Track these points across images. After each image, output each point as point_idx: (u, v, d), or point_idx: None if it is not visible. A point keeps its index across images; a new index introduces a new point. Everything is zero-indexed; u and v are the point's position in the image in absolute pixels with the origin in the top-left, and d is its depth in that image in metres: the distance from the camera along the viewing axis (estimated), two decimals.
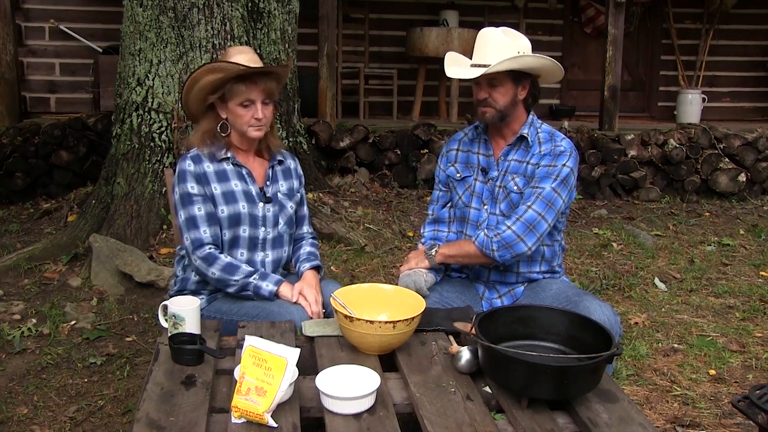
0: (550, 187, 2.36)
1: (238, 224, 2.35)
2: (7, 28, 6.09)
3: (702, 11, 8.50)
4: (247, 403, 1.58)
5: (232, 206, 2.34)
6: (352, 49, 7.68)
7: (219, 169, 2.36)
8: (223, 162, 2.37)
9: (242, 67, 2.25)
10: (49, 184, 5.64)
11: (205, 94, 2.31)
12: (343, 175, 6.04)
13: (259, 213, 2.39)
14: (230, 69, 2.25)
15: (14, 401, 2.77)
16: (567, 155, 2.41)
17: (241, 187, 2.37)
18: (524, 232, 2.33)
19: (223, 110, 2.35)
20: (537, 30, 8.36)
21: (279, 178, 2.49)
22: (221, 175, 2.36)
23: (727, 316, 3.77)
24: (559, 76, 2.47)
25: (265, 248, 2.41)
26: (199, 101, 2.35)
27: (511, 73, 2.36)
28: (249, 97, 2.28)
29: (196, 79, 2.29)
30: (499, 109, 2.39)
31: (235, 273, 2.28)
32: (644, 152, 6.44)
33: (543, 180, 2.38)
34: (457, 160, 2.58)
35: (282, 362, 1.65)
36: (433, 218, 2.65)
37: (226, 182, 2.36)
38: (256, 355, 1.66)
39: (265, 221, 2.40)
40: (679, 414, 2.73)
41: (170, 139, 4.48)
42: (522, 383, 1.67)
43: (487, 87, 2.38)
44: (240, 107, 2.30)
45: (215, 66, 2.28)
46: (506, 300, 2.51)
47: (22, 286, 3.89)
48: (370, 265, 4.32)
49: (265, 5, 4.78)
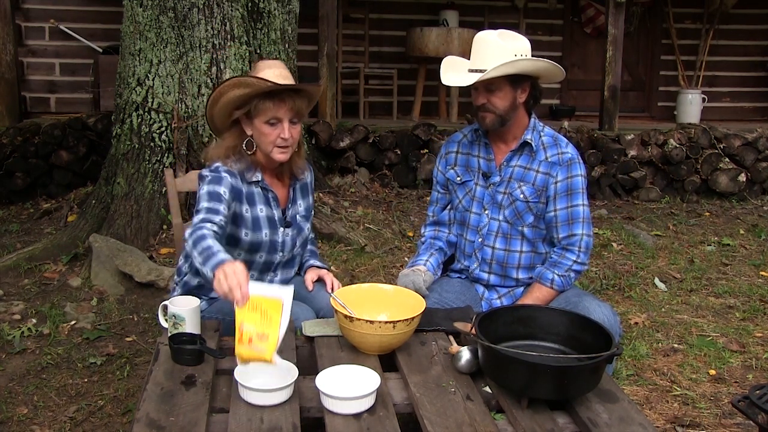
0: (582, 204, 2.44)
1: (256, 251, 2.30)
2: (7, 28, 6.09)
3: (702, 11, 8.50)
4: (251, 351, 1.59)
5: (255, 234, 2.26)
6: (352, 49, 7.68)
7: (249, 191, 2.26)
8: (253, 185, 2.27)
9: (270, 84, 2.12)
10: (49, 184, 5.65)
11: (231, 108, 2.20)
12: (343, 175, 6.04)
13: (279, 239, 2.33)
14: (257, 85, 2.12)
15: (14, 401, 2.77)
16: (577, 163, 2.44)
17: (266, 212, 2.29)
18: (587, 259, 2.47)
19: (248, 127, 2.22)
20: (537, 30, 8.36)
21: (298, 198, 2.42)
22: (250, 199, 2.27)
23: (727, 316, 3.77)
24: (559, 76, 2.43)
25: (276, 270, 2.39)
26: (225, 116, 2.24)
27: (509, 76, 2.32)
28: (276, 115, 2.16)
29: (222, 92, 2.17)
30: (499, 114, 2.36)
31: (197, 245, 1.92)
32: (644, 152, 6.44)
33: (574, 197, 2.43)
34: (456, 163, 2.56)
35: (278, 303, 1.66)
36: (434, 220, 2.64)
37: (253, 206, 2.27)
38: (252, 301, 1.66)
39: (284, 247, 2.35)
40: (679, 414, 2.73)
41: (170, 139, 4.48)
42: (522, 383, 1.67)
43: (485, 92, 2.35)
44: (266, 125, 2.18)
45: (242, 80, 2.15)
46: (506, 300, 2.51)
47: (22, 286, 3.89)
48: (370, 265, 4.32)
49: (265, 5, 4.78)
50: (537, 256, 2.48)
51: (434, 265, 2.53)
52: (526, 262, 2.48)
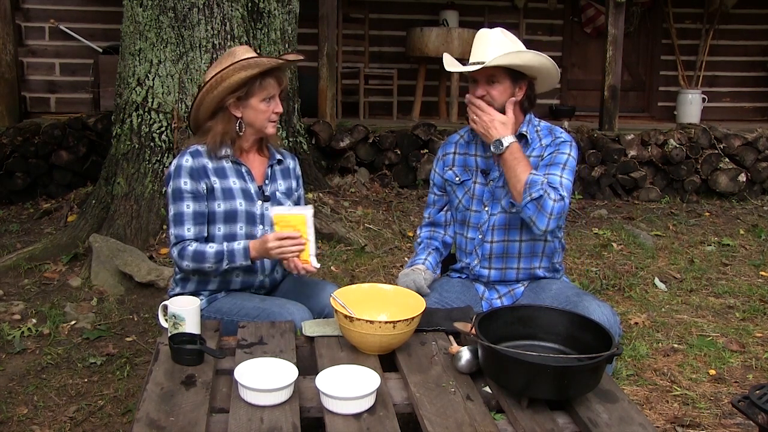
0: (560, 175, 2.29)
1: (234, 221, 2.35)
2: (7, 28, 6.08)
3: (702, 11, 8.50)
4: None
5: (229, 203, 2.34)
6: (352, 49, 7.68)
7: (218, 166, 2.36)
8: (222, 160, 2.37)
9: (279, 61, 2.32)
10: (49, 184, 5.64)
11: (227, 93, 2.30)
12: (343, 175, 6.04)
13: (257, 211, 2.39)
14: (266, 64, 2.30)
15: (14, 401, 2.77)
16: (568, 144, 2.41)
17: (239, 185, 2.37)
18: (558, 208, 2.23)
19: (238, 109, 2.34)
20: (537, 30, 8.36)
21: (278, 178, 2.50)
22: (220, 172, 2.36)
23: (727, 316, 3.77)
24: (554, 81, 2.44)
25: None
26: (217, 102, 2.33)
27: (510, 72, 2.35)
28: (273, 92, 2.34)
29: (224, 77, 2.27)
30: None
31: (204, 260, 2.27)
32: (644, 152, 6.44)
33: (553, 167, 2.32)
34: (454, 163, 2.57)
35: (302, 218, 2.21)
36: (429, 221, 2.66)
37: (224, 179, 2.36)
38: (283, 219, 2.22)
39: (263, 220, 2.40)
40: (679, 414, 2.73)
41: (170, 139, 4.48)
42: (522, 383, 1.67)
43: (486, 84, 2.37)
44: (263, 102, 2.33)
45: (250, 62, 2.28)
46: (506, 300, 2.51)
47: (22, 286, 3.89)
48: (370, 265, 4.32)
49: (265, 5, 4.78)
50: (537, 243, 2.47)
51: (433, 263, 2.55)
52: (527, 251, 2.48)
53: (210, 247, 2.28)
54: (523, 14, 8.24)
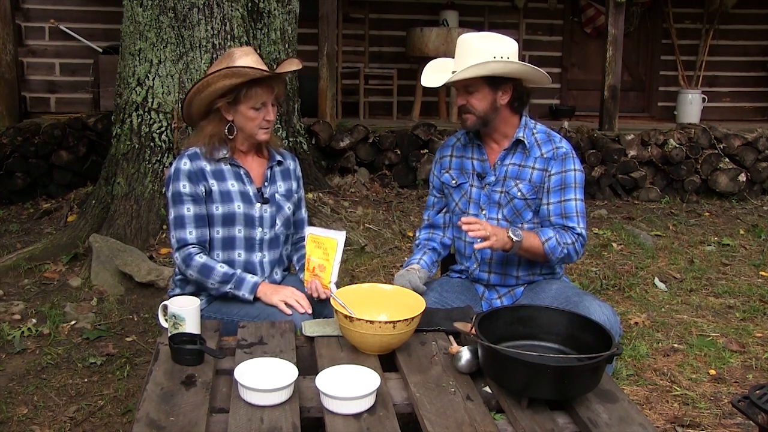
0: (575, 198, 2.43)
1: (233, 224, 2.35)
2: (7, 28, 6.08)
3: (702, 11, 8.50)
4: (315, 277, 2.28)
5: (227, 205, 2.34)
6: (352, 49, 7.68)
7: (216, 168, 2.36)
8: (221, 162, 2.36)
9: (265, 72, 2.26)
10: (49, 184, 5.65)
11: (215, 97, 2.29)
12: (343, 175, 6.04)
13: (255, 213, 2.38)
14: (250, 74, 2.25)
15: (14, 401, 2.77)
16: (571, 158, 2.43)
17: (238, 187, 2.37)
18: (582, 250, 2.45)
19: (229, 113, 2.33)
20: (537, 30, 8.36)
21: (277, 179, 2.49)
22: (218, 175, 2.35)
23: (727, 316, 3.77)
24: (542, 80, 2.40)
25: (262, 249, 2.41)
26: (206, 104, 2.33)
27: (486, 78, 2.32)
28: (263, 100, 2.31)
29: (209, 83, 2.26)
30: (479, 116, 2.38)
31: (209, 276, 2.28)
32: (644, 152, 6.44)
33: (567, 191, 2.42)
34: (451, 166, 2.57)
35: (333, 242, 2.27)
36: (428, 223, 2.66)
37: (223, 182, 2.35)
38: (316, 240, 2.30)
39: (262, 222, 2.39)
40: (679, 414, 2.73)
41: (170, 139, 4.48)
42: (522, 383, 1.67)
43: (464, 93, 2.38)
44: (252, 110, 2.31)
45: (234, 71, 2.24)
46: (506, 300, 2.51)
47: (22, 286, 3.89)
48: (370, 265, 4.32)
49: (265, 5, 4.78)
50: None
51: (428, 262, 2.55)
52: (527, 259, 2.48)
53: (221, 266, 2.29)
54: (523, 14, 8.23)
